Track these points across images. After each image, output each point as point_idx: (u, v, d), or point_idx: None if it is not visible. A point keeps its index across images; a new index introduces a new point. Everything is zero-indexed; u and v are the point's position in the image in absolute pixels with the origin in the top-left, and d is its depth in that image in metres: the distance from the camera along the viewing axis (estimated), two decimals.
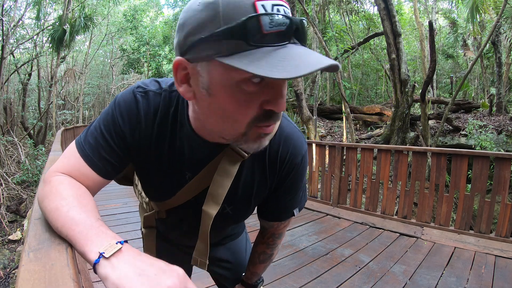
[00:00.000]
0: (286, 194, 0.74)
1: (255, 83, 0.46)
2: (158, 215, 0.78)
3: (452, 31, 14.26)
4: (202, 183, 0.67)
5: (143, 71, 19.26)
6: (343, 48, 9.81)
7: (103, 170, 0.62)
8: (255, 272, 0.96)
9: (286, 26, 0.43)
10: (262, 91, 0.47)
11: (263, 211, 0.80)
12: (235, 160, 0.64)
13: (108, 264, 0.42)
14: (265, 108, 0.49)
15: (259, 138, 0.53)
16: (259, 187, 0.71)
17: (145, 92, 0.63)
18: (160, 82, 0.65)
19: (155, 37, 18.48)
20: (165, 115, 0.63)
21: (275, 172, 0.69)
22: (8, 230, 6.29)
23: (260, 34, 0.42)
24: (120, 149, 0.62)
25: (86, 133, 0.63)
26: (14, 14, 10.50)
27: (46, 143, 12.61)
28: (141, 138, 0.63)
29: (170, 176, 0.68)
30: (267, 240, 0.88)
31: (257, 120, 0.50)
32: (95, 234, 0.46)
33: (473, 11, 9.12)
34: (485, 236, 2.90)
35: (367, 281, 2.28)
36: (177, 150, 0.65)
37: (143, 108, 0.62)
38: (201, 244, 0.73)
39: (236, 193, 0.69)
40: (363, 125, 10.94)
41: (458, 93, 8.59)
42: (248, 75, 0.44)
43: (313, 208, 4.08)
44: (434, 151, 3.42)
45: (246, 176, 0.68)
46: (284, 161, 0.68)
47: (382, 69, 13.78)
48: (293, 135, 0.68)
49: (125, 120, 0.61)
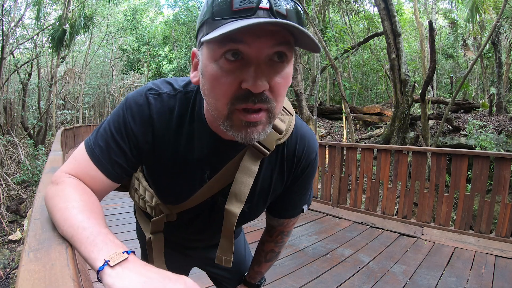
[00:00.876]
0: (299, 190, 0.76)
1: (230, 60, 0.48)
2: (167, 218, 0.76)
3: (452, 31, 14.26)
4: (222, 182, 0.67)
5: (143, 71, 19.26)
6: (343, 48, 9.81)
7: (113, 173, 0.61)
8: (259, 271, 0.96)
9: (255, 2, 0.46)
10: (240, 70, 0.48)
11: (275, 209, 0.81)
12: (257, 157, 0.65)
13: (113, 272, 0.42)
14: (242, 87, 0.49)
15: (244, 127, 0.52)
16: (276, 185, 0.72)
17: (158, 94, 0.62)
18: (173, 83, 0.65)
19: (155, 37, 18.49)
20: (183, 116, 0.63)
21: (292, 169, 0.71)
22: (8, 230, 6.29)
23: (229, 11, 0.46)
24: (132, 152, 0.62)
25: (96, 135, 0.62)
26: (14, 14, 10.50)
27: (46, 143, 12.62)
28: (156, 141, 0.63)
29: (189, 177, 0.67)
30: (276, 238, 0.88)
31: (236, 100, 0.50)
32: (102, 241, 0.46)
33: (473, 11, 9.13)
34: (485, 236, 2.90)
35: (367, 281, 2.28)
36: (196, 151, 0.64)
37: (156, 111, 0.61)
38: (226, 241, 0.71)
39: (254, 192, 0.69)
40: (363, 125, 10.95)
41: (458, 93, 8.59)
42: (221, 51, 0.48)
43: (313, 208, 4.08)
44: (434, 151, 3.42)
45: (265, 174, 0.69)
46: (300, 158, 0.70)
47: (382, 69, 13.78)
48: (307, 133, 0.71)
49: (137, 122, 0.61)
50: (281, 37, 0.48)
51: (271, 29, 0.46)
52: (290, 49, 0.50)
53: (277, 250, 0.91)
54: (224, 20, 0.46)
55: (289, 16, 0.47)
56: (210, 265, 1.02)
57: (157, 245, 0.80)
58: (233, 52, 0.47)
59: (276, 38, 0.47)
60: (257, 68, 0.48)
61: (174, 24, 17.30)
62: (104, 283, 0.42)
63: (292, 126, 0.67)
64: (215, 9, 0.47)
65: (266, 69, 0.49)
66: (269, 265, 0.95)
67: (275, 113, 0.53)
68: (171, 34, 18.08)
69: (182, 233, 0.85)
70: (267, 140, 0.63)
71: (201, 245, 0.94)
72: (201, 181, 0.67)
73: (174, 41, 18.24)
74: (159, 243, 0.80)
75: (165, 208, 0.74)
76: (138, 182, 0.78)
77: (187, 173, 0.67)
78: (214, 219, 0.73)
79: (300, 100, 7.44)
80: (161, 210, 0.75)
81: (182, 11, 17.15)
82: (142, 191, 0.77)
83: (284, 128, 0.65)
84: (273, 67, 0.50)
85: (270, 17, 0.46)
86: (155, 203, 0.74)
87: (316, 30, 7.92)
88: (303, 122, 0.73)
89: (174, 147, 0.64)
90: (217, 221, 0.71)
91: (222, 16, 0.47)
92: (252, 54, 0.48)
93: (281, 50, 0.49)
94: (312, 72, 10.86)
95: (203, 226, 0.78)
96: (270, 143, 0.64)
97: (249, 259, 1.02)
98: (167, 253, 0.88)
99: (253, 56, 0.48)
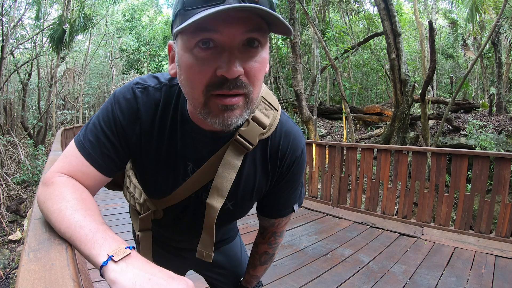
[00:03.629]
0: (287, 188, 0.75)
1: (204, 48, 0.48)
2: (154, 215, 0.76)
3: (452, 31, 14.26)
4: (205, 176, 0.67)
5: (143, 71, 19.27)
6: (343, 48, 9.81)
7: (105, 167, 0.62)
8: (255, 275, 0.95)
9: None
10: (215, 57, 0.49)
11: (264, 208, 0.80)
12: (240, 152, 0.64)
13: (117, 267, 0.42)
14: (217, 74, 0.49)
15: (222, 112, 0.52)
16: (260, 182, 0.71)
17: (145, 88, 0.63)
18: (159, 77, 0.66)
19: (155, 37, 18.49)
20: (166, 109, 0.64)
21: (276, 166, 0.70)
22: (8, 230, 6.28)
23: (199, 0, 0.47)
24: (121, 145, 0.63)
25: (85, 131, 0.63)
26: (14, 14, 10.50)
27: (46, 143, 12.61)
28: (142, 133, 0.63)
29: (173, 170, 0.67)
30: (269, 240, 0.87)
31: (211, 87, 0.50)
32: (101, 237, 0.46)
33: (473, 11, 9.12)
34: (485, 236, 2.90)
35: (367, 281, 2.28)
36: (179, 143, 0.65)
37: (143, 104, 0.62)
38: (206, 236, 0.71)
39: (238, 188, 0.69)
40: (363, 125, 10.95)
41: (458, 93, 8.59)
42: (194, 41, 0.48)
43: (313, 208, 4.08)
44: (434, 151, 3.42)
45: (249, 170, 0.68)
46: (285, 154, 0.69)
47: (382, 69, 13.79)
48: (292, 129, 0.70)
49: (125, 116, 0.62)
50: (253, 23, 0.48)
51: (241, 15, 0.46)
52: (263, 35, 0.50)
53: (271, 252, 0.90)
54: (194, 10, 0.47)
55: (261, 2, 0.47)
56: (205, 269, 1.01)
57: (144, 243, 0.80)
58: (206, 40, 0.48)
59: (248, 24, 0.48)
60: (231, 54, 0.48)
61: None
62: (108, 279, 0.42)
63: (276, 121, 0.67)
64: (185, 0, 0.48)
65: (240, 55, 0.49)
66: (264, 268, 0.93)
67: (252, 98, 0.53)
68: (171, 34, 18.08)
69: (171, 232, 0.85)
70: (250, 134, 0.63)
71: (192, 246, 0.94)
72: (184, 175, 0.67)
73: None
74: (147, 241, 0.80)
75: (151, 205, 0.74)
76: (129, 180, 0.79)
77: (171, 166, 0.67)
78: (199, 217, 0.72)
79: (300, 100, 7.43)
80: (148, 206, 0.75)
81: None
82: (132, 189, 0.77)
83: (268, 122, 0.65)
84: (247, 53, 0.50)
85: (240, 3, 0.46)
86: (143, 200, 0.75)
87: (316, 30, 7.92)
88: (288, 117, 0.72)
89: (158, 139, 0.64)
90: (203, 219, 0.71)
91: (192, 6, 0.47)
92: (225, 41, 0.48)
93: (254, 36, 0.49)
94: (312, 72, 10.86)
95: (189, 224, 0.77)
96: (253, 137, 0.63)
97: (246, 263, 1.01)
98: (162, 255, 0.88)
99: (225, 43, 0.48)
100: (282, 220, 0.82)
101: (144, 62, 18.45)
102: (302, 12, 9.23)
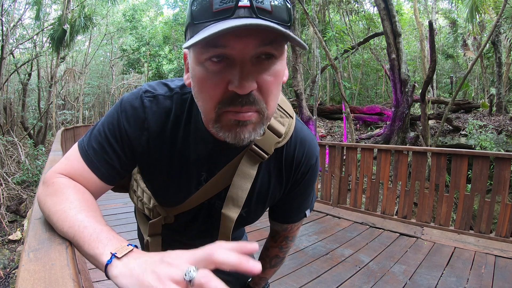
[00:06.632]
0: (300, 195, 0.74)
1: (215, 62, 0.47)
2: (165, 220, 0.74)
3: (452, 31, 14.25)
4: (219, 185, 0.66)
5: (143, 71, 19.26)
6: (343, 48, 9.81)
7: (106, 175, 0.61)
8: (264, 277, 0.95)
9: (234, 1, 0.44)
10: (226, 71, 0.47)
11: (277, 214, 0.80)
12: (255, 161, 0.63)
13: (120, 263, 0.42)
14: (229, 90, 0.47)
15: (233, 126, 0.50)
16: (274, 189, 0.70)
17: (154, 97, 0.61)
18: (169, 84, 0.64)
19: (155, 37, 18.48)
20: (179, 118, 0.62)
21: (290, 174, 0.69)
22: (8, 230, 6.28)
23: (210, 13, 0.45)
24: (125, 155, 0.61)
25: (89, 136, 0.62)
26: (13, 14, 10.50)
27: (46, 143, 12.61)
28: (151, 143, 0.62)
29: (185, 179, 0.66)
30: (280, 244, 0.87)
31: (224, 103, 0.49)
32: (106, 237, 0.46)
33: (473, 11, 9.13)
34: (485, 236, 2.90)
35: (367, 281, 2.28)
36: (192, 153, 0.63)
37: (152, 113, 0.60)
38: None
39: (252, 196, 0.68)
40: (363, 125, 10.94)
41: (458, 93, 8.58)
42: (204, 56, 0.47)
43: None
44: (434, 151, 3.42)
45: (263, 178, 0.67)
46: (300, 162, 0.68)
47: (382, 69, 13.77)
48: (307, 137, 0.69)
49: (132, 125, 0.60)
50: (265, 36, 0.45)
51: (252, 28, 0.43)
52: (277, 47, 0.47)
53: (282, 256, 0.90)
54: (203, 24, 0.45)
55: (275, 12, 0.45)
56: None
57: (154, 248, 0.78)
58: (217, 55, 0.46)
59: (260, 38, 0.45)
60: (242, 68, 0.46)
61: (174, 24, 17.30)
62: (111, 275, 0.42)
63: (291, 129, 0.65)
64: (194, 13, 0.46)
65: (253, 67, 0.47)
66: (273, 271, 0.93)
67: (267, 114, 0.51)
68: (171, 34, 18.08)
69: (182, 237, 0.84)
70: (265, 143, 0.62)
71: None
72: (198, 184, 0.66)
73: (174, 41, 18.25)
74: (157, 246, 0.78)
75: (162, 211, 0.73)
76: (136, 184, 0.77)
77: (183, 176, 0.66)
78: (211, 223, 0.71)
79: (300, 100, 7.44)
80: (158, 212, 0.74)
81: (182, 11, 17.16)
82: (140, 193, 0.76)
83: (283, 131, 0.63)
84: (261, 65, 0.47)
85: (252, 15, 0.44)
86: (153, 205, 0.73)
87: (316, 30, 7.92)
88: (303, 125, 0.71)
89: (170, 149, 0.63)
90: (215, 225, 0.70)
91: (201, 20, 0.46)
92: (236, 55, 0.46)
93: (266, 50, 0.46)
94: (312, 72, 10.85)
95: (201, 230, 0.76)
96: (269, 146, 0.62)
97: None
98: None
99: (237, 57, 0.46)
100: (295, 225, 0.82)
101: (144, 62, 18.42)
102: (302, 12, 9.23)
